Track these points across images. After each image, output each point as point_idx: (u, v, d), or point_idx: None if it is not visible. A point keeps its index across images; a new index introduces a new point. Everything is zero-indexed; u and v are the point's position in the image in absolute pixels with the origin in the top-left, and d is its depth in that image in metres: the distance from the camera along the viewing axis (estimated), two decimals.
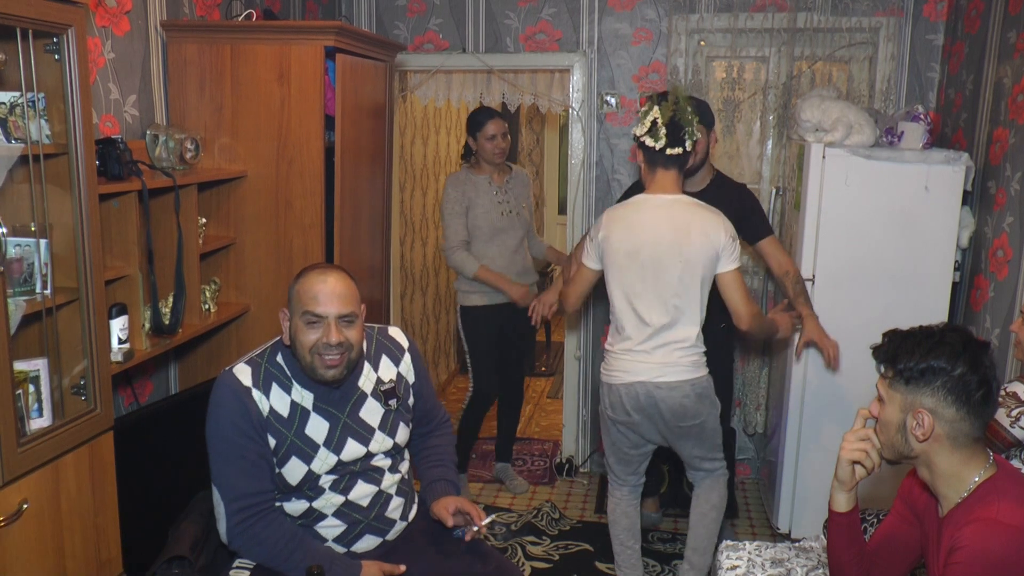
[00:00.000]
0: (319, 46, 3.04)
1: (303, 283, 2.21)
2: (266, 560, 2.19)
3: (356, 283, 2.29)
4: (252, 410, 2.19)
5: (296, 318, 2.19)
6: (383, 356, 2.40)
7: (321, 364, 2.17)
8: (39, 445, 2.04)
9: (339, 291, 2.20)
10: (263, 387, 2.22)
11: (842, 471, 1.93)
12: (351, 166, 3.31)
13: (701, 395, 3.02)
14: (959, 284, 3.72)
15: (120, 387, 2.92)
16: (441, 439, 2.63)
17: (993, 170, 3.48)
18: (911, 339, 1.78)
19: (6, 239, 1.89)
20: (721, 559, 2.72)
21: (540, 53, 4.53)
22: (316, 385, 2.24)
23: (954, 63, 4.00)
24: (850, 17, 4.22)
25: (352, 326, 2.21)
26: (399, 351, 2.45)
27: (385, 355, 2.41)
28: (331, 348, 2.16)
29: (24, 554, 2.01)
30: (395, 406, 2.37)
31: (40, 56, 2.05)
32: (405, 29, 4.62)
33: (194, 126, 3.12)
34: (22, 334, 2.08)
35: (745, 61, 4.39)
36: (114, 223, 2.57)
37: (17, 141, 2.04)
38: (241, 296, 3.24)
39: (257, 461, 2.19)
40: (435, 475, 2.52)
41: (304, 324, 2.17)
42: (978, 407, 1.71)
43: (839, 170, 3.58)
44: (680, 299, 2.96)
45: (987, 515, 1.67)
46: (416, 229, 5.74)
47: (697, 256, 2.94)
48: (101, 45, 2.77)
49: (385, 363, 2.40)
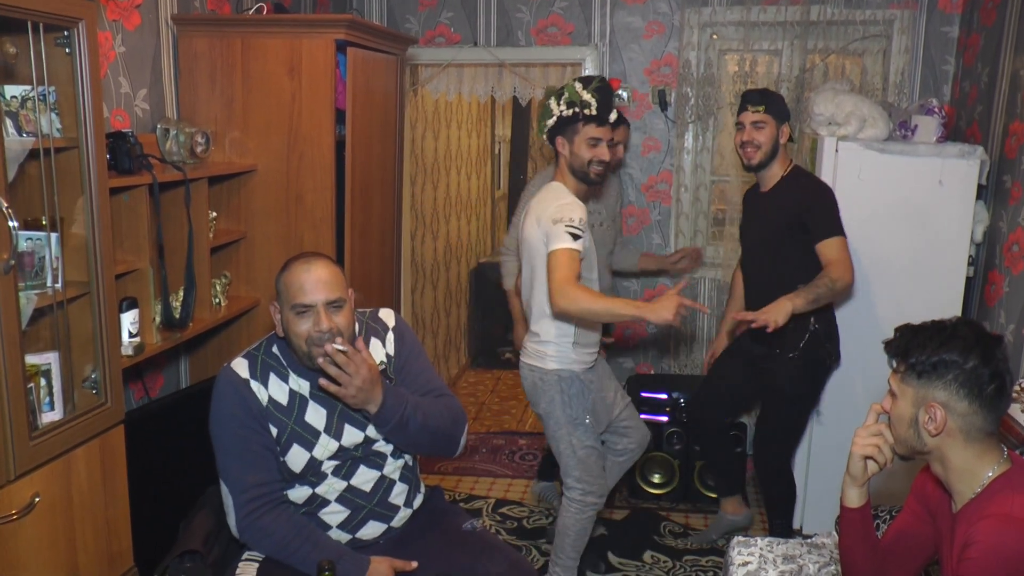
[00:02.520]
0: (330, 39, 3.04)
1: (288, 275, 2.20)
2: (275, 552, 2.20)
3: (341, 269, 2.29)
4: (252, 401, 2.20)
5: (286, 311, 2.19)
6: (372, 338, 2.40)
7: (319, 353, 2.17)
8: (51, 438, 2.05)
9: (324, 278, 2.19)
10: (260, 377, 2.23)
11: (854, 466, 1.92)
12: (362, 160, 3.30)
13: (535, 384, 3.09)
14: (973, 279, 3.69)
15: (131, 381, 2.94)
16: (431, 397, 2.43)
17: (1008, 164, 3.44)
18: (923, 333, 1.77)
19: (17, 233, 1.89)
20: (732, 555, 2.71)
21: (552, 47, 4.51)
22: (312, 373, 2.25)
23: (969, 56, 3.96)
24: (864, 10, 4.19)
25: (340, 311, 2.20)
26: (384, 330, 2.44)
27: (374, 337, 2.41)
28: (323, 335, 2.16)
29: (36, 547, 2.02)
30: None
31: (51, 50, 2.05)
32: (416, 23, 4.61)
33: (205, 120, 3.12)
34: (33, 328, 2.08)
35: (758, 54, 4.36)
36: (125, 217, 2.58)
37: (28, 135, 2.04)
38: (251, 290, 3.25)
39: (261, 452, 2.20)
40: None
41: (295, 315, 2.17)
42: (991, 401, 1.69)
43: (852, 164, 3.56)
44: (526, 292, 3.07)
45: (1001, 510, 1.65)
46: (427, 223, 5.74)
47: (532, 246, 2.99)
48: (112, 39, 2.78)
49: (375, 344, 2.39)
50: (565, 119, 2.99)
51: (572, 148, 2.99)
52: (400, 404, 2.25)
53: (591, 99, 2.95)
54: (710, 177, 4.51)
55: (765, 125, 3.31)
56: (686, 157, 4.47)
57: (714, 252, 4.61)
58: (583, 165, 2.99)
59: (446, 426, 2.37)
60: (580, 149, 2.98)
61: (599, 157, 2.98)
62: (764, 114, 3.31)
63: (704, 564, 3.68)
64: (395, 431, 2.26)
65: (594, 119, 2.97)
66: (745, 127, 3.34)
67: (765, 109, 3.31)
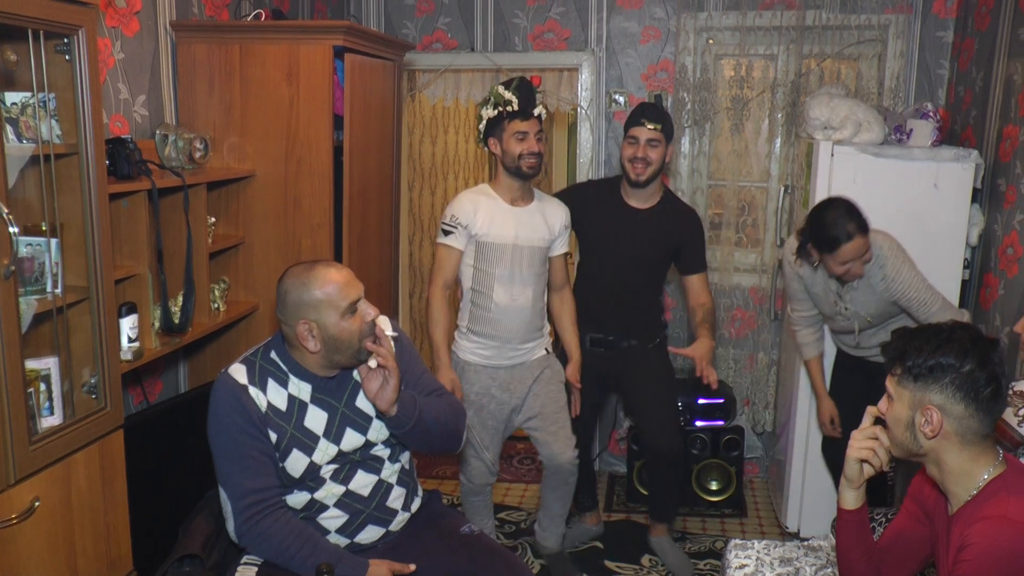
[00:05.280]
0: (328, 46, 3.05)
1: (320, 283, 2.18)
2: (274, 556, 2.20)
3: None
4: (251, 407, 2.20)
5: (335, 317, 2.17)
6: None
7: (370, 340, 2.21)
8: (50, 443, 2.05)
9: (350, 273, 2.26)
10: (259, 383, 2.23)
11: (850, 469, 1.93)
12: (360, 165, 3.31)
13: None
14: (968, 282, 3.71)
15: (130, 386, 2.94)
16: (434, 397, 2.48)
17: (1003, 167, 3.46)
18: (920, 336, 1.78)
19: (17, 238, 1.89)
20: (730, 558, 2.71)
21: (548, 52, 4.53)
22: (314, 376, 2.26)
23: (964, 60, 3.98)
24: (859, 14, 4.20)
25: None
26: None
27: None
28: (371, 324, 2.22)
29: (36, 551, 2.02)
30: None
31: (51, 56, 2.06)
32: (413, 28, 4.62)
33: (203, 126, 3.13)
34: (33, 333, 2.09)
35: (753, 59, 4.38)
36: (124, 222, 2.58)
37: (28, 141, 2.05)
38: (250, 295, 3.25)
39: (260, 458, 2.20)
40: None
41: (346, 317, 2.18)
42: (987, 404, 1.71)
43: (848, 168, 3.58)
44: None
45: (997, 512, 1.67)
46: (425, 228, 5.75)
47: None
48: (111, 45, 2.79)
49: None
50: (493, 120, 3.20)
51: (503, 146, 3.20)
52: (413, 404, 2.30)
53: (512, 97, 3.16)
54: (707, 182, 4.52)
55: (659, 144, 3.36)
56: (682, 162, 4.49)
57: (711, 256, 4.61)
58: (514, 159, 3.18)
59: (451, 421, 2.43)
60: (509, 145, 3.18)
61: (529, 149, 3.17)
62: (660, 133, 3.35)
63: (702, 568, 3.69)
64: (412, 430, 2.30)
65: (518, 114, 3.17)
66: (639, 143, 3.37)
67: (661, 128, 3.36)
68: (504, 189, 3.26)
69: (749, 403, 4.59)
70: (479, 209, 3.20)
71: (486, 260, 3.21)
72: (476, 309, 3.27)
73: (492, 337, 3.27)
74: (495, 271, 3.21)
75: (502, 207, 3.24)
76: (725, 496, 4.23)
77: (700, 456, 4.21)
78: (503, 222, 3.21)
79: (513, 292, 3.23)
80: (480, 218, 3.19)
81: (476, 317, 3.27)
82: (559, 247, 3.41)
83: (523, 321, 3.27)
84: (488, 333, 3.27)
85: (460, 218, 3.19)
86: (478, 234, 3.20)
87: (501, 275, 3.22)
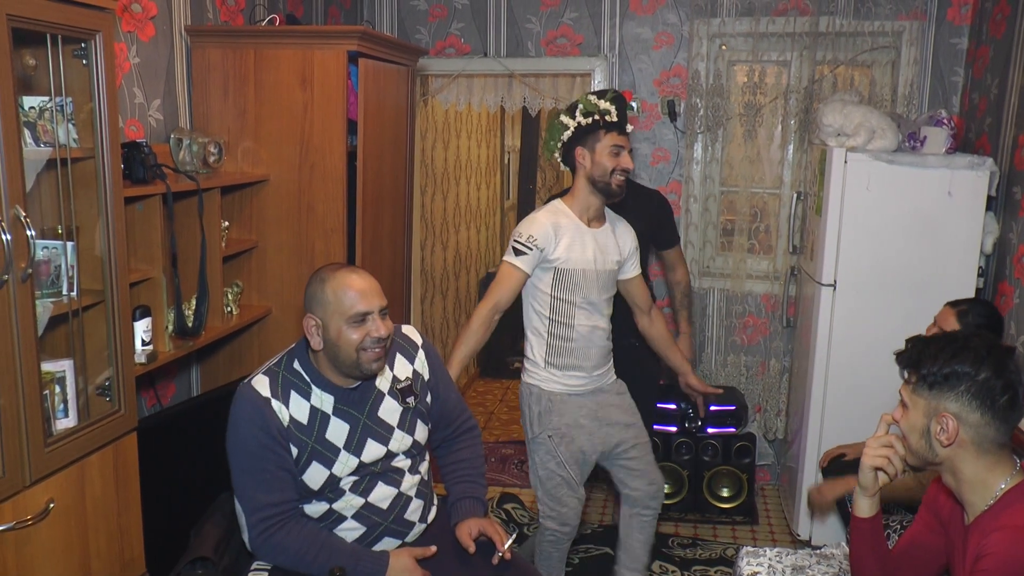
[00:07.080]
0: (342, 51, 3.06)
1: (336, 285, 2.17)
2: (292, 565, 2.18)
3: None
4: (273, 422, 2.16)
5: (338, 321, 2.15)
6: (397, 354, 2.40)
7: (368, 359, 2.17)
8: (65, 445, 2.06)
9: (374, 286, 2.21)
10: (282, 396, 2.20)
11: (864, 477, 1.92)
12: (373, 170, 3.32)
13: (520, 396, 3.16)
14: (983, 291, 3.69)
15: (143, 389, 2.95)
16: (469, 451, 2.57)
17: (1018, 175, 3.44)
18: (935, 344, 1.77)
19: (34, 241, 1.91)
20: (741, 565, 2.70)
21: (561, 57, 4.53)
22: (336, 388, 2.24)
23: (978, 67, 3.97)
24: (873, 21, 4.19)
25: (386, 318, 2.23)
26: (413, 348, 2.44)
27: (400, 353, 2.40)
28: (379, 342, 2.17)
29: (50, 552, 2.03)
30: (413, 403, 2.36)
31: (68, 61, 2.08)
32: (427, 33, 4.64)
33: (217, 130, 3.15)
34: (49, 335, 2.10)
35: (767, 65, 4.37)
36: (139, 226, 2.60)
37: (46, 145, 2.06)
38: (263, 299, 3.26)
39: (277, 472, 2.17)
40: (461, 491, 2.48)
41: (351, 325, 2.15)
42: (1003, 412, 1.70)
43: (861, 175, 3.56)
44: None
45: (1014, 522, 1.65)
46: (437, 233, 5.76)
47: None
48: (127, 50, 2.80)
49: (400, 361, 2.39)
50: (584, 128, 2.90)
51: (594, 157, 2.90)
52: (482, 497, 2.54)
53: (610, 106, 2.89)
54: (719, 188, 4.51)
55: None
56: (695, 168, 4.48)
57: (723, 262, 4.61)
58: (605, 174, 2.90)
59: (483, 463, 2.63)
60: (602, 157, 2.89)
61: (623, 166, 2.90)
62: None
63: (712, 575, 3.68)
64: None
65: (615, 126, 2.90)
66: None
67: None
68: (581, 207, 2.97)
69: (761, 410, 4.57)
70: (560, 233, 2.91)
71: (566, 288, 2.95)
72: (556, 341, 3.00)
73: (576, 368, 3.03)
74: (576, 299, 2.96)
75: (581, 229, 2.96)
76: (736, 503, 4.22)
77: (712, 463, 4.20)
78: (583, 247, 2.95)
79: (594, 319, 3.02)
80: (561, 243, 2.91)
81: (557, 349, 3.01)
82: (630, 269, 3.15)
83: (601, 347, 3.07)
84: (572, 364, 3.02)
85: (539, 241, 2.89)
86: (557, 260, 2.92)
87: (583, 303, 2.98)
